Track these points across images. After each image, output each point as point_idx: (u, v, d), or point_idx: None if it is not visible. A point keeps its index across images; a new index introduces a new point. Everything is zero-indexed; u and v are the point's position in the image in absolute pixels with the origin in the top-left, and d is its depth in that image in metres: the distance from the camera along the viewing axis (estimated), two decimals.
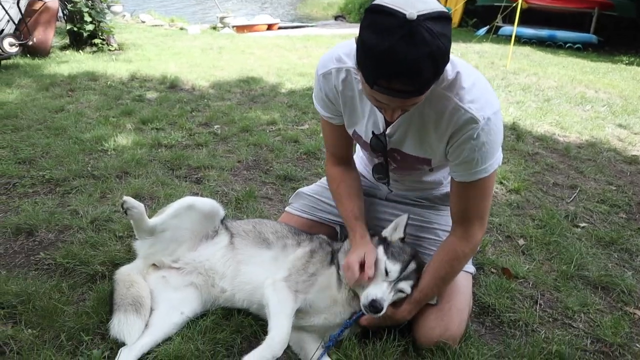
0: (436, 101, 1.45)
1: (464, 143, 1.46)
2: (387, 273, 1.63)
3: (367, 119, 1.65)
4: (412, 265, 1.67)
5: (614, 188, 3.42)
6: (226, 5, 14.07)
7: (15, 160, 3.19)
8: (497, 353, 1.74)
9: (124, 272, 1.86)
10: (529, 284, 2.20)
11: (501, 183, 3.27)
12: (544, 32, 12.59)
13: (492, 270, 2.27)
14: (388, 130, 1.62)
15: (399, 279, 1.63)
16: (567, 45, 12.31)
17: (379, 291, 1.59)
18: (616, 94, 6.50)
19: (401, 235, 1.78)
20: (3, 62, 6.14)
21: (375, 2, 1.20)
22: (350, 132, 1.78)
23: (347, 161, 1.93)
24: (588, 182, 3.48)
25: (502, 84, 6.50)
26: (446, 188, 1.91)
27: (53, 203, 2.66)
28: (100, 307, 1.80)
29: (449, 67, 1.44)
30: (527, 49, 10.73)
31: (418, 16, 1.13)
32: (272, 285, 1.68)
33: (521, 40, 11.97)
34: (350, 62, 1.58)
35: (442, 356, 1.65)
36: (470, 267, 1.84)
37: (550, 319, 1.98)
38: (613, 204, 3.13)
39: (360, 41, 1.23)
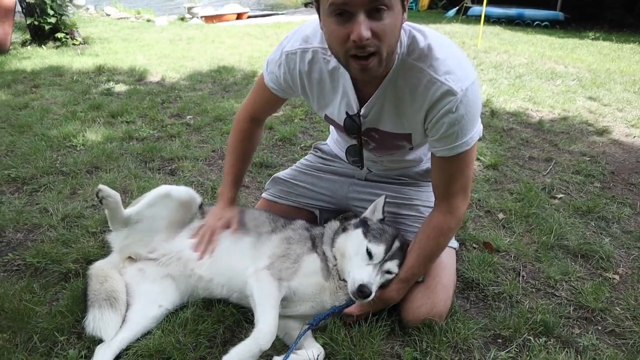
0: (409, 74, 1.41)
1: (443, 117, 1.42)
2: (370, 256, 1.59)
3: (340, 101, 1.60)
4: (397, 244, 1.64)
5: (588, 159, 3.46)
6: None
7: None
8: (483, 326, 1.74)
9: (97, 267, 1.78)
10: (511, 256, 2.21)
11: (478, 159, 3.27)
12: (512, 11, 12.75)
13: (474, 245, 2.27)
14: (362, 110, 1.57)
15: (384, 260, 1.60)
16: (535, 23, 12.48)
17: (365, 275, 1.54)
18: (584, 68, 6.61)
19: (380, 216, 1.75)
20: None
21: None
22: (321, 115, 1.73)
23: (260, 121, 1.93)
24: (562, 155, 3.52)
25: (474, 62, 6.53)
26: (427, 164, 1.89)
27: (20, 202, 2.55)
28: (75, 305, 1.73)
29: (420, 37, 1.41)
30: (496, 28, 10.84)
31: None
32: (254, 274, 1.63)
33: (490, 20, 12.09)
34: (317, 42, 1.54)
35: (429, 333, 1.63)
36: (453, 243, 1.83)
37: (534, 290, 1.99)
38: (588, 174, 3.17)
39: None
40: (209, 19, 12.56)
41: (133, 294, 1.73)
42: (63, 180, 2.79)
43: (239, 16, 13.97)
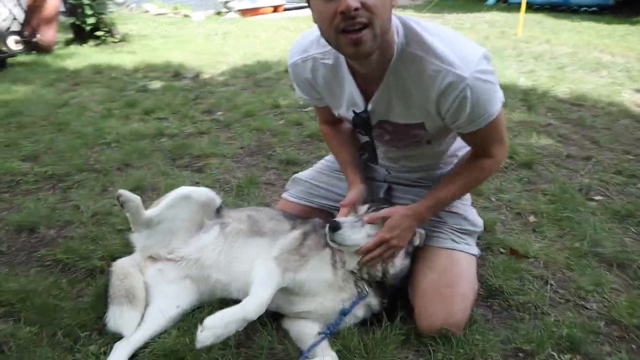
0: (411, 64, 1.40)
1: (460, 104, 1.39)
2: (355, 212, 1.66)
3: (347, 101, 1.60)
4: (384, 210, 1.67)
5: (632, 157, 3.26)
6: None
7: (19, 158, 3.18)
8: (503, 338, 1.66)
9: (119, 265, 1.83)
10: (540, 263, 2.10)
11: (511, 157, 3.13)
12: None
13: (501, 250, 2.18)
14: (369, 107, 1.55)
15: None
16: (583, 9, 11.87)
17: (342, 218, 1.63)
18: (634, 57, 6.24)
19: (381, 196, 1.84)
20: (9, 60, 6.14)
21: None
22: (336, 114, 1.72)
23: (336, 122, 1.92)
24: (603, 152, 3.33)
25: (512, 53, 6.30)
26: (446, 167, 1.83)
27: (55, 199, 2.65)
28: (98, 302, 1.78)
29: (416, 26, 1.40)
30: (539, 16, 10.39)
31: None
32: (262, 262, 1.67)
33: (533, 7, 11.57)
34: (314, 49, 1.56)
35: (446, 344, 1.58)
36: (474, 249, 1.76)
37: (562, 300, 1.89)
38: (630, 175, 2.98)
39: None
40: (245, 12, 12.66)
41: (152, 293, 1.76)
42: (95, 177, 2.89)
43: (276, 9, 14.00)
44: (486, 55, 1.41)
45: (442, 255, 1.68)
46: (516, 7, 10.80)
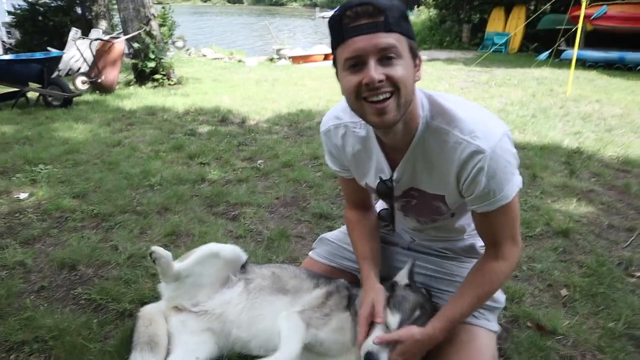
0: (435, 137, 1.44)
1: (476, 176, 1.40)
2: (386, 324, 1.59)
3: (375, 168, 1.64)
4: (417, 313, 1.61)
5: None
6: (296, 37, 14.59)
7: (70, 195, 3.40)
8: None
9: (146, 310, 1.92)
10: (569, 342, 2.01)
11: (547, 224, 3.06)
12: (612, 55, 11.89)
13: (528, 324, 2.11)
14: (395, 175, 1.59)
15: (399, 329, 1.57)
16: (639, 68, 11.54)
17: (376, 347, 1.53)
18: None
19: (405, 281, 1.73)
20: (75, 98, 6.65)
21: None
22: (362, 184, 1.76)
23: (364, 206, 1.92)
24: None
25: (559, 112, 6.19)
26: (470, 240, 1.83)
27: (97, 238, 2.81)
28: (122, 347, 1.85)
29: (440, 100, 1.46)
30: (591, 74, 10.17)
31: None
32: (285, 316, 1.70)
33: (586, 64, 11.39)
34: (347, 118, 1.61)
35: None
36: (494, 326, 1.72)
37: None
38: None
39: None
40: (296, 59, 13.17)
41: (174, 342, 1.82)
42: (136, 219, 3.03)
43: (327, 57, 14.49)
44: (508, 134, 1.43)
45: (461, 330, 1.65)
46: (568, 64, 10.68)
